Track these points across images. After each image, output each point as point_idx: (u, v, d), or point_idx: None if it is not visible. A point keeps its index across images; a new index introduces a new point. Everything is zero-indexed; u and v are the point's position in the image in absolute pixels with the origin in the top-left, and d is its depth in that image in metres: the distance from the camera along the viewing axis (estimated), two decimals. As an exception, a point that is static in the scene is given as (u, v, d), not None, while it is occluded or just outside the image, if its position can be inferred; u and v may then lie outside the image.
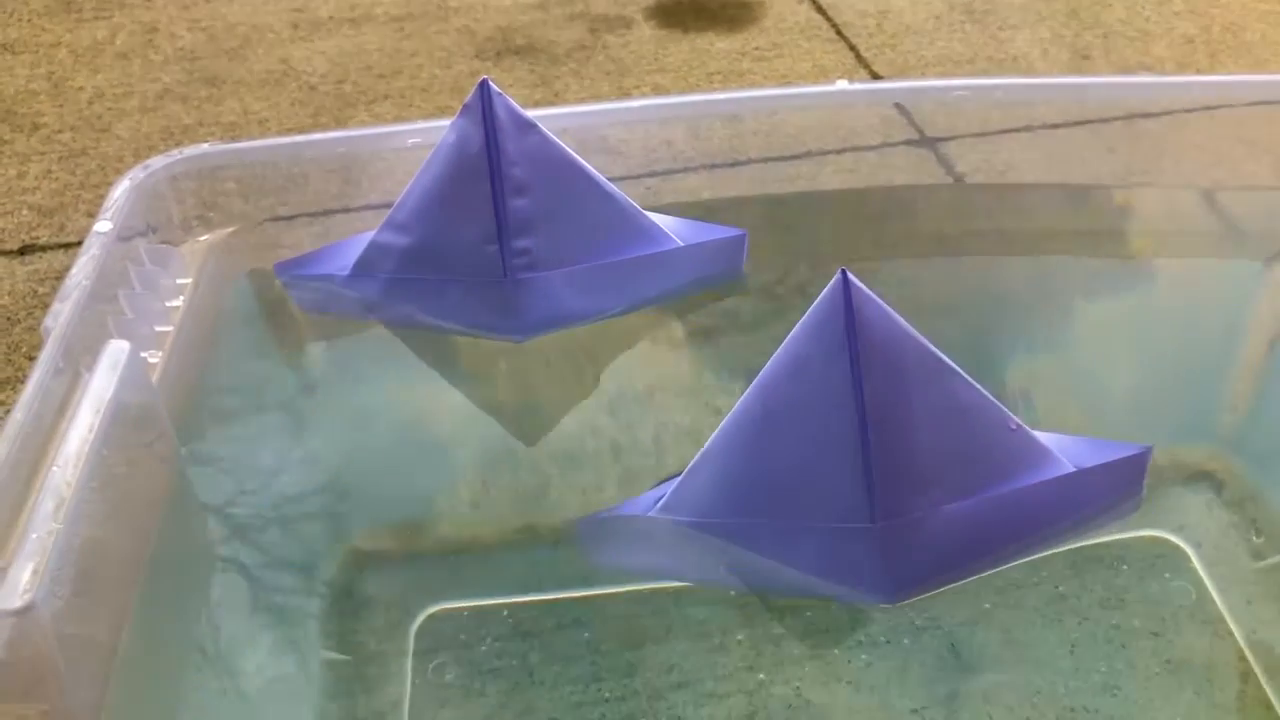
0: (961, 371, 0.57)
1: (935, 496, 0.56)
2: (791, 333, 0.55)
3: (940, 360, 0.56)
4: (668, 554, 0.63)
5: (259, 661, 0.64)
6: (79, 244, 1.24)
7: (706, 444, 0.57)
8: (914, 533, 0.55)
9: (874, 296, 0.54)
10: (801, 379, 0.54)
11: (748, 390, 0.56)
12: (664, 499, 0.60)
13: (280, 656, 0.65)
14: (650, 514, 0.60)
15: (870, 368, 0.53)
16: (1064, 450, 0.60)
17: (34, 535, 0.46)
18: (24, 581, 0.45)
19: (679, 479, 0.59)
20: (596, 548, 0.65)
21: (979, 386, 0.57)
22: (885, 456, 0.54)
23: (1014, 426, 0.58)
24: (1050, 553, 0.69)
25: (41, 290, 1.18)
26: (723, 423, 0.57)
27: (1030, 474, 0.58)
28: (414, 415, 0.78)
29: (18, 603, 0.44)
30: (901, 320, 0.55)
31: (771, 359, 0.55)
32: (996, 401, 0.58)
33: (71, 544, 0.47)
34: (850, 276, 0.53)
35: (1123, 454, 0.62)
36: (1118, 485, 0.63)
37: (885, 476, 0.54)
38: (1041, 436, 0.60)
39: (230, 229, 0.75)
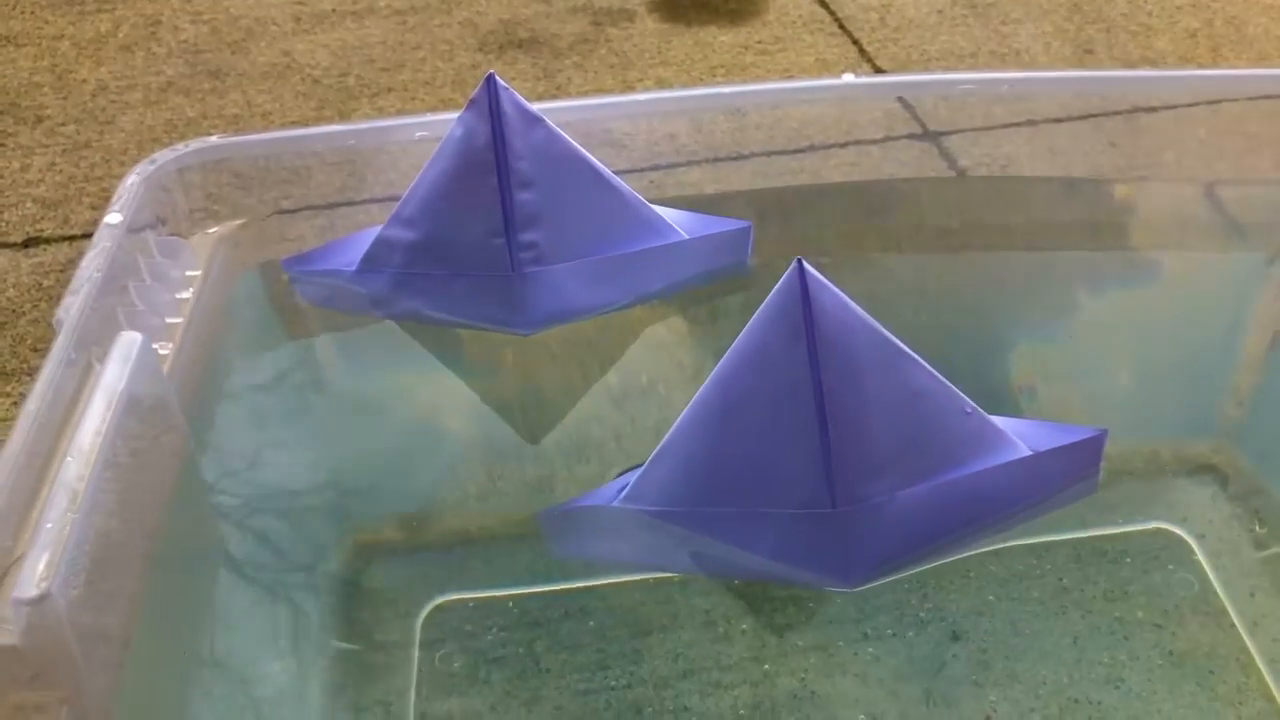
0: (918, 358, 0.57)
1: (893, 482, 0.56)
2: (749, 323, 0.55)
3: (896, 347, 0.57)
4: (631, 543, 0.63)
5: (267, 652, 0.64)
6: (83, 237, 1.25)
7: (667, 435, 0.58)
8: (873, 517, 0.56)
9: (830, 285, 0.54)
10: (760, 368, 0.55)
11: (707, 381, 0.57)
12: (626, 489, 0.60)
13: (288, 646, 0.66)
14: (613, 504, 0.61)
15: (827, 356, 0.54)
16: (1020, 434, 0.61)
17: (49, 525, 0.47)
18: (40, 571, 0.45)
19: (641, 469, 0.60)
20: (559, 539, 0.66)
21: (935, 372, 0.58)
22: (844, 443, 0.54)
23: (970, 411, 0.59)
24: (1054, 543, 0.69)
25: (46, 283, 1.18)
26: (683, 413, 0.58)
27: (987, 458, 0.59)
28: (420, 408, 0.78)
29: (34, 592, 0.44)
30: (857, 308, 0.56)
31: (730, 349, 0.56)
32: (952, 387, 0.58)
33: (86, 534, 0.48)
34: (806, 265, 0.54)
35: (1079, 437, 0.63)
36: (1074, 468, 0.63)
37: (844, 463, 0.55)
38: (998, 421, 0.61)
39: (239, 221, 0.75)
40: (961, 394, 0.59)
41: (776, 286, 0.54)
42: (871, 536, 0.57)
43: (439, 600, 0.68)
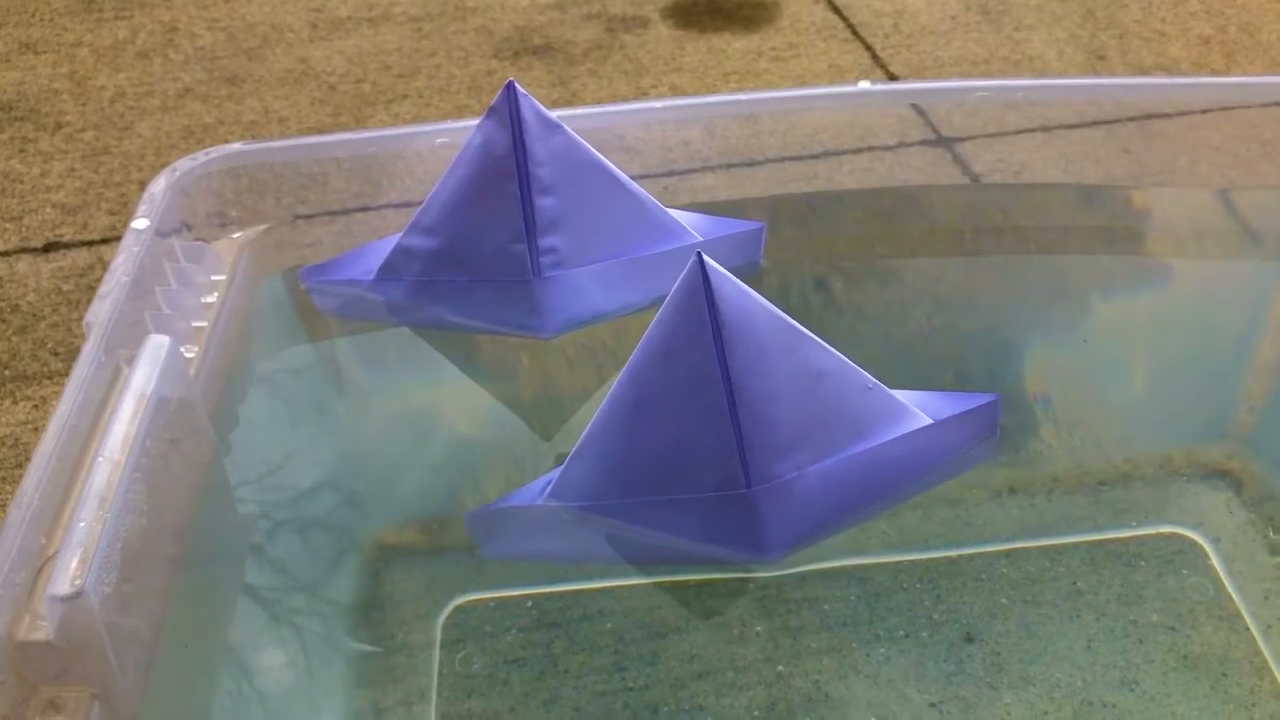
0: (817, 338, 0.59)
1: (803, 458, 0.59)
2: (655, 317, 0.57)
3: (798, 330, 0.59)
4: (558, 539, 0.65)
5: (290, 653, 0.65)
6: (102, 242, 1.26)
7: (585, 432, 0.60)
8: (787, 494, 0.58)
9: (729, 275, 0.56)
10: (669, 361, 0.57)
11: (619, 376, 0.58)
12: (550, 487, 0.62)
13: (310, 648, 0.66)
14: (538, 502, 0.62)
15: (733, 343, 0.56)
16: (920, 405, 0.63)
17: (81, 524, 0.48)
18: (73, 569, 0.46)
19: (562, 467, 0.62)
20: (487, 539, 0.67)
21: (835, 351, 0.60)
22: (754, 425, 0.57)
23: (871, 386, 0.61)
24: (1068, 545, 0.70)
25: (66, 287, 1.19)
26: (598, 410, 0.59)
27: (890, 430, 0.61)
28: (440, 411, 0.79)
29: (68, 589, 0.45)
30: (758, 296, 0.57)
31: (639, 345, 0.58)
32: (853, 365, 0.61)
33: (117, 533, 0.49)
34: (705, 258, 0.55)
35: (975, 404, 0.65)
36: (972, 433, 0.66)
37: (755, 444, 0.57)
38: (898, 394, 0.63)
39: (263, 226, 0.76)
40: (862, 370, 0.61)
41: (678, 281, 0.56)
42: (786, 512, 0.59)
43: (459, 601, 0.69)
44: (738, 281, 0.56)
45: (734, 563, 0.64)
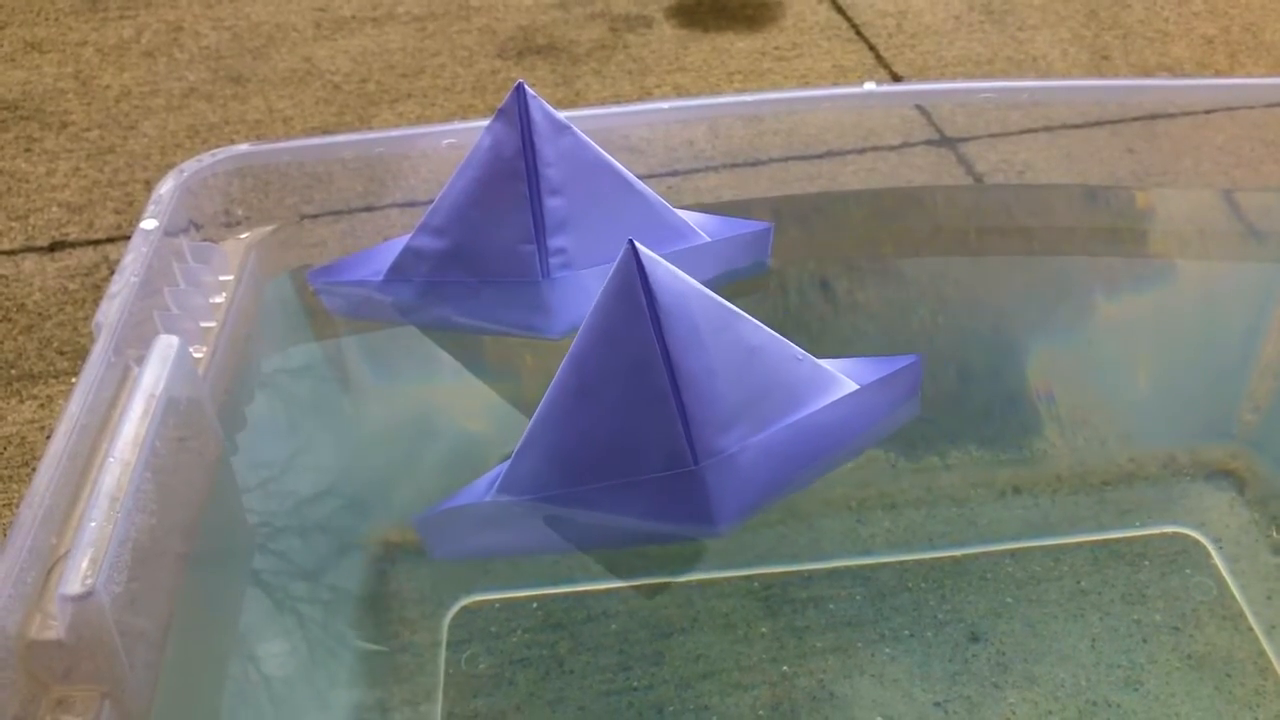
0: (747, 315, 0.61)
1: (744, 431, 0.61)
2: (592, 306, 0.58)
3: (729, 309, 0.60)
4: (510, 534, 0.66)
5: (297, 653, 0.65)
6: (108, 241, 1.26)
7: (529, 425, 0.61)
8: (731, 467, 0.60)
9: (661, 260, 0.58)
10: (609, 347, 0.58)
11: (560, 367, 0.60)
12: (497, 482, 0.63)
13: (317, 648, 0.67)
14: (486, 499, 0.63)
15: (670, 326, 0.57)
16: (846, 371, 0.66)
17: (92, 524, 0.48)
18: (84, 568, 0.46)
19: (508, 462, 0.63)
20: (437, 542, 0.67)
21: (765, 326, 0.62)
22: (696, 403, 0.58)
23: (800, 357, 0.63)
24: (1072, 545, 0.70)
25: (72, 286, 1.19)
26: (541, 402, 0.60)
27: (822, 397, 0.64)
28: (447, 411, 0.79)
29: (79, 589, 0.46)
30: (689, 278, 0.59)
31: (578, 334, 0.59)
32: (782, 338, 0.62)
33: (127, 533, 0.49)
34: (637, 245, 0.57)
35: (898, 366, 0.68)
36: (898, 395, 0.69)
37: (698, 421, 0.59)
38: (824, 363, 0.65)
39: (270, 227, 0.76)
40: (790, 342, 0.63)
41: (612, 269, 0.57)
42: (733, 484, 0.61)
43: (465, 601, 0.69)
44: (669, 265, 0.58)
45: (685, 537, 0.66)
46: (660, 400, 0.58)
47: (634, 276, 0.57)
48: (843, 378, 0.65)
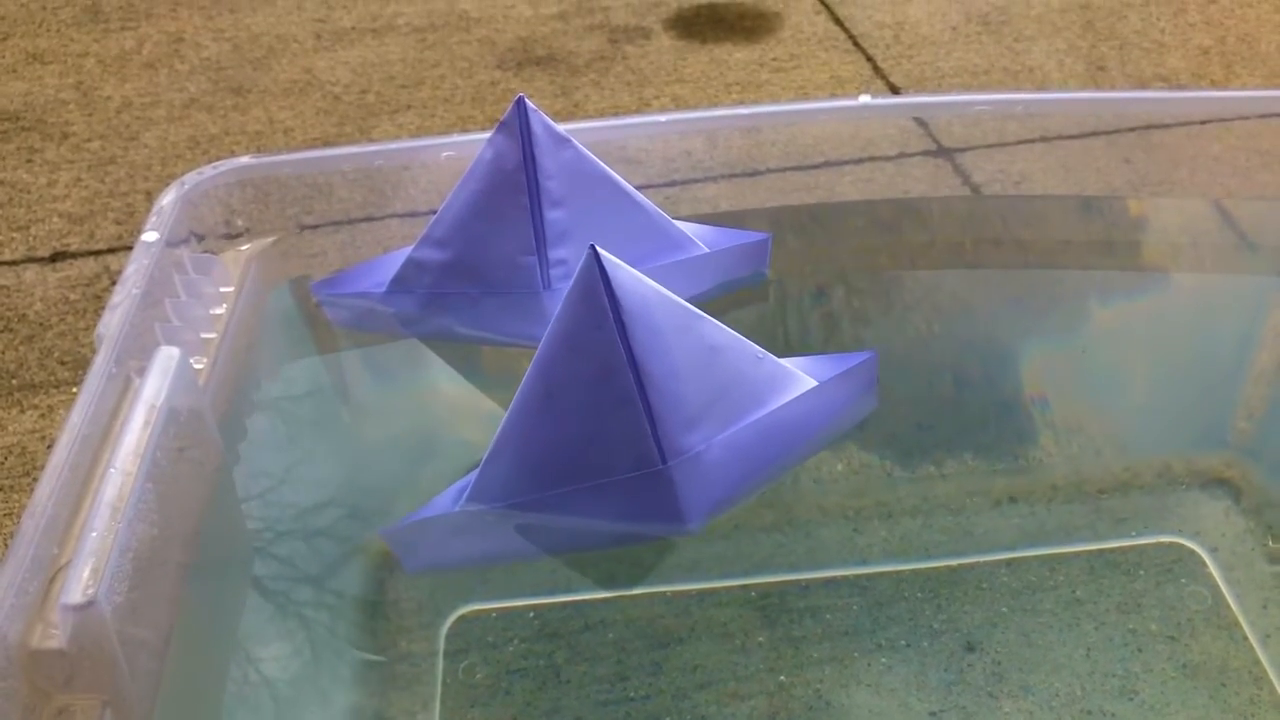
0: (708, 316, 0.62)
1: (710, 430, 0.62)
2: (556, 313, 0.59)
3: (690, 310, 0.61)
4: (481, 543, 0.66)
5: (296, 662, 0.66)
6: (109, 251, 1.27)
7: (497, 433, 0.61)
8: (698, 465, 0.61)
9: (622, 264, 0.58)
10: (574, 353, 0.59)
11: (526, 375, 0.60)
12: (466, 492, 0.63)
13: (316, 657, 0.67)
14: (456, 510, 0.63)
15: (633, 328, 0.58)
16: (804, 369, 0.67)
17: (93, 534, 0.48)
18: (85, 578, 0.47)
19: (476, 472, 0.63)
20: (408, 554, 0.67)
21: (725, 326, 0.63)
22: (662, 404, 0.59)
23: (761, 356, 0.64)
24: (1067, 555, 0.70)
25: (73, 296, 1.20)
26: (508, 410, 0.61)
27: (782, 394, 0.65)
28: (445, 421, 0.80)
29: (80, 598, 0.46)
30: (651, 281, 0.60)
31: (542, 341, 0.60)
32: (742, 337, 0.63)
33: (128, 543, 0.49)
34: (599, 250, 0.57)
35: (854, 362, 0.69)
36: (856, 390, 0.70)
37: (665, 421, 0.60)
38: (783, 361, 0.66)
39: (270, 238, 0.77)
40: (750, 342, 0.64)
41: (575, 275, 0.58)
42: (700, 482, 0.61)
43: (462, 611, 0.69)
44: (630, 269, 0.59)
45: (656, 536, 0.66)
46: (627, 402, 0.59)
47: (597, 282, 0.57)
48: (802, 375, 0.66)
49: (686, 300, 0.67)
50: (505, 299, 0.72)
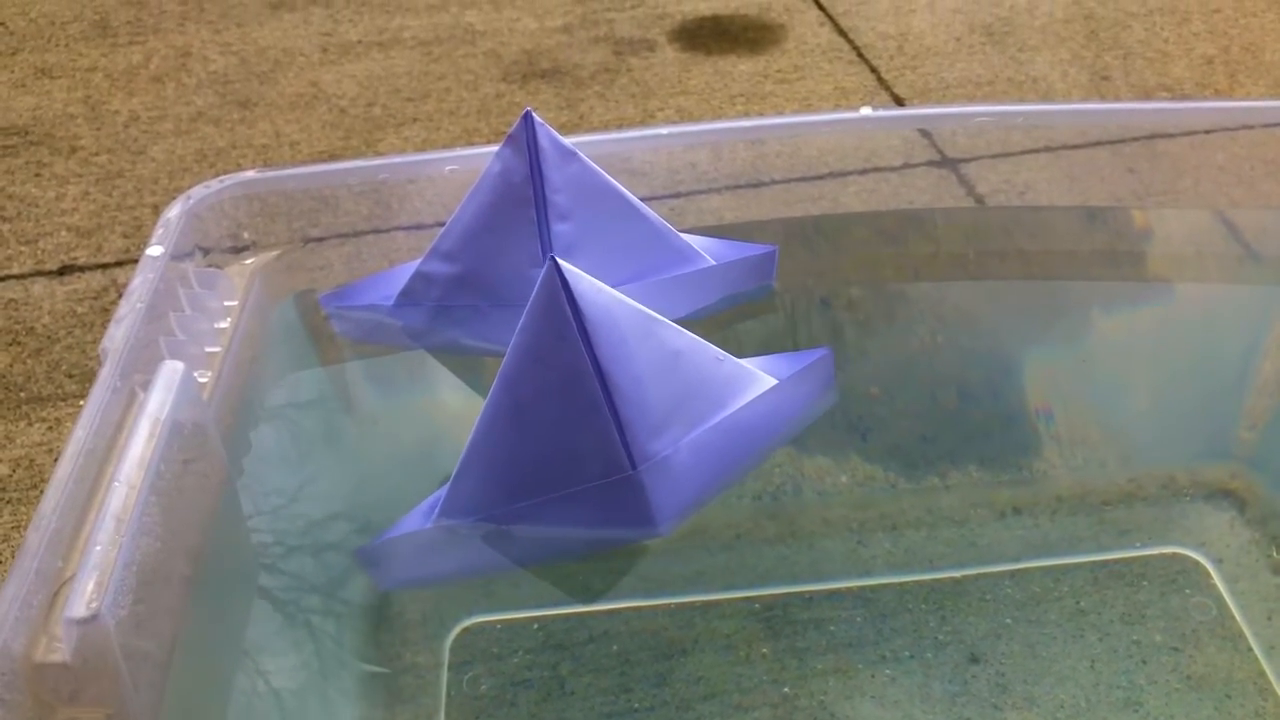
0: (668, 321, 0.63)
1: (676, 433, 0.63)
2: (519, 325, 0.60)
3: (651, 316, 0.62)
4: (455, 557, 0.67)
5: (301, 675, 0.66)
6: (116, 265, 1.27)
7: (465, 448, 0.62)
8: (667, 469, 0.62)
9: (583, 274, 0.59)
10: (539, 364, 0.60)
11: (492, 387, 0.61)
12: (438, 508, 0.63)
13: (320, 669, 0.67)
14: (428, 526, 0.64)
15: (596, 336, 0.59)
16: (763, 368, 0.68)
17: (98, 547, 0.48)
18: (89, 592, 0.47)
19: (446, 487, 0.63)
20: (382, 572, 0.68)
21: (685, 330, 0.63)
22: (629, 410, 0.60)
23: (721, 358, 0.65)
24: (1072, 566, 0.70)
25: (80, 310, 1.21)
26: (476, 423, 0.61)
27: (744, 394, 0.66)
28: (450, 434, 0.79)
29: (84, 612, 0.46)
30: (611, 289, 0.60)
31: (508, 352, 0.60)
32: (702, 340, 0.64)
33: (132, 557, 0.50)
34: (559, 260, 0.58)
35: (810, 360, 0.71)
36: (815, 387, 0.72)
37: (632, 427, 0.60)
38: (742, 361, 0.67)
39: (275, 252, 0.77)
40: (709, 344, 0.65)
41: (536, 286, 0.59)
42: (670, 485, 0.62)
43: (466, 623, 0.69)
44: (590, 278, 0.59)
45: (627, 541, 0.67)
46: (594, 410, 0.59)
47: (559, 293, 0.58)
48: (762, 374, 0.67)
49: (694, 311, 0.68)
50: (512, 311, 0.72)
